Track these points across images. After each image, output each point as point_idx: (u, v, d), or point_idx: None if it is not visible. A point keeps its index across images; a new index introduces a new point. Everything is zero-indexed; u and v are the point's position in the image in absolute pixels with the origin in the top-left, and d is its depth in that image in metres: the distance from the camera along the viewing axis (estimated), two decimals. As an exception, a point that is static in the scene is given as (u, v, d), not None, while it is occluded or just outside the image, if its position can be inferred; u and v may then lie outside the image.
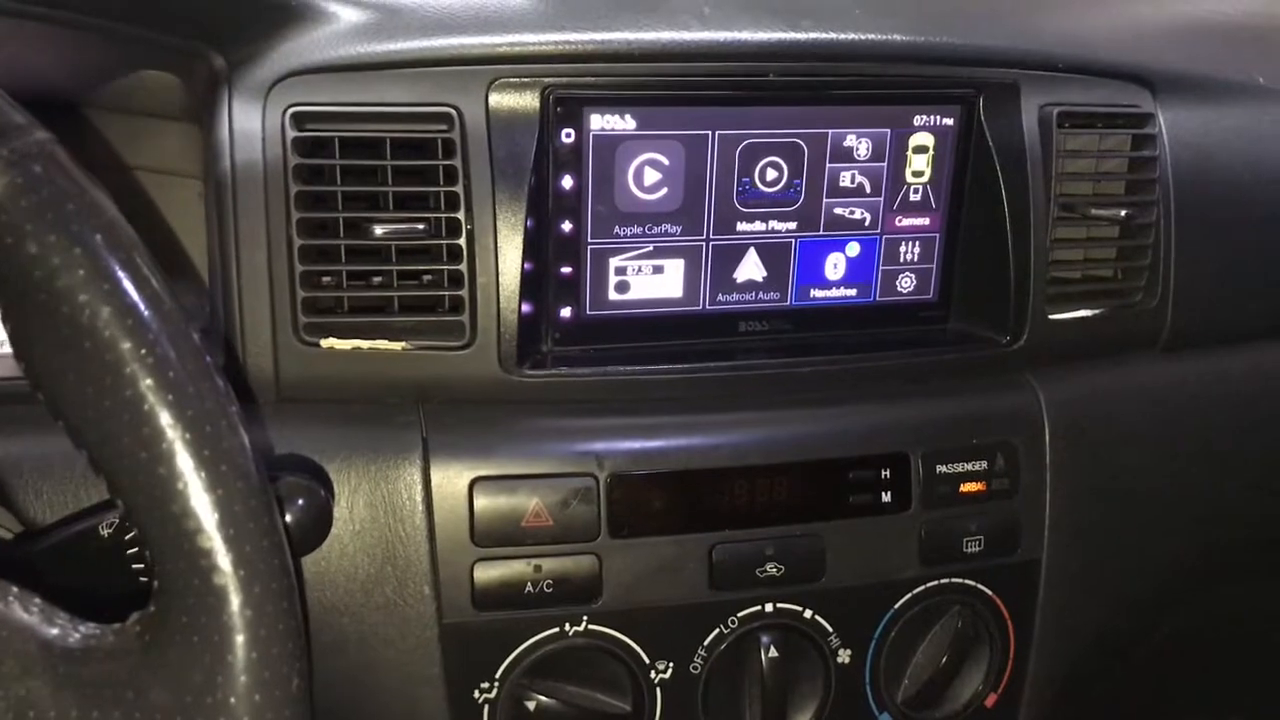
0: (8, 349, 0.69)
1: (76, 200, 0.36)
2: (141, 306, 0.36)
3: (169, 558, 0.36)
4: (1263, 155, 0.78)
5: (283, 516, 0.39)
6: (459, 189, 0.62)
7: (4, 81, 0.39)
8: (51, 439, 0.59)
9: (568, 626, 0.65)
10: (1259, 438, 0.80)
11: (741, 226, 0.69)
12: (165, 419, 0.35)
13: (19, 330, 0.36)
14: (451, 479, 0.63)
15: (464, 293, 0.63)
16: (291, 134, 0.61)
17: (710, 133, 0.66)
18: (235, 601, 0.35)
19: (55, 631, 0.36)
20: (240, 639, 0.35)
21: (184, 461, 0.35)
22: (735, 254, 0.69)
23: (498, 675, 0.64)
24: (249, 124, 0.61)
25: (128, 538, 0.49)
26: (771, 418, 0.68)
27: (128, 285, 0.35)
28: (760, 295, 0.70)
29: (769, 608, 0.67)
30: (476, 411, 0.64)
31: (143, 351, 0.35)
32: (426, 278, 0.63)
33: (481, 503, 0.63)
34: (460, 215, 0.62)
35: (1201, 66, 0.78)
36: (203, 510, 0.35)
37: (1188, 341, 0.76)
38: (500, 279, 0.63)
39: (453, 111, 0.62)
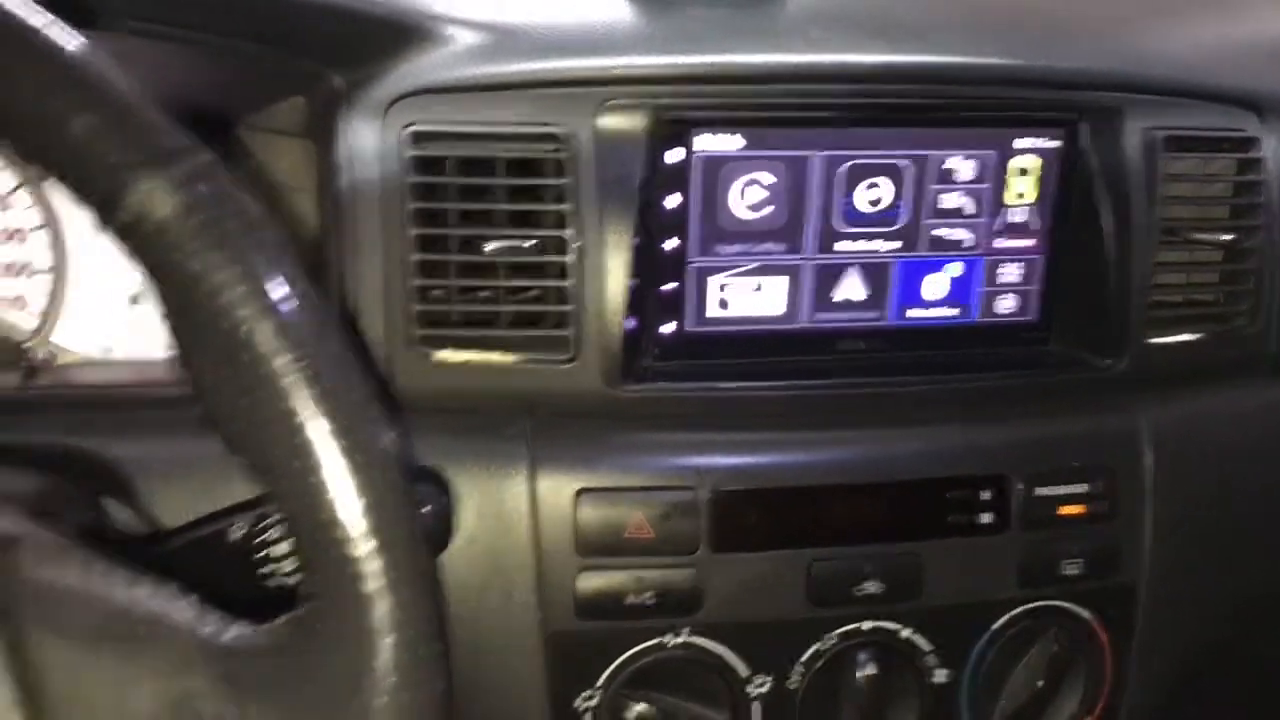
0: (120, 355, 0.71)
1: (238, 220, 0.37)
2: (297, 323, 0.37)
3: (320, 562, 0.37)
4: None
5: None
6: (568, 208, 0.64)
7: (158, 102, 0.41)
8: (175, 444, 0.62)
9: (667, 638, 0.66)
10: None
11: (842, 246, 0.69)
12: (317, 431, 0.37)
13: (183, 342, 0.38)
14: (557, 490, 0.64)
15: (570, 308, 0.64)
16: (409, 152, 0.63)
17: (814, 153, 0.67)
18: (384, 606, 0.37)
19: (210, 629, 0.38)
20: (388, 641, 0.37)
21: (335, 471, 0.37)
22: (836, 273, 0.70)
23: (599, 684, 0.65)
24: (367, 142, 0.63)
25: (256, 542, 0.50)
26: (870, 436, 0.69)
27: (285, 303, 0.37)
28: (860, 314, 0.71)
29: (866, 625, 0.68)
30: (581, 424, 0.66)
31: (297, 366, 0.37)
32: (534, 293, 0.65)
33: (585, 514, 0.64)
34: (569, 233, 0.64)
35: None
36: (353, 517, 0.37)
37: (1292, 367, 0.76)
38: (605, 295, 0.64)
39: (564, 132, 0.64)
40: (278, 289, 0.37)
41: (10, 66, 0.35)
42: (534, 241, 0.64)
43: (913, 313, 0.71)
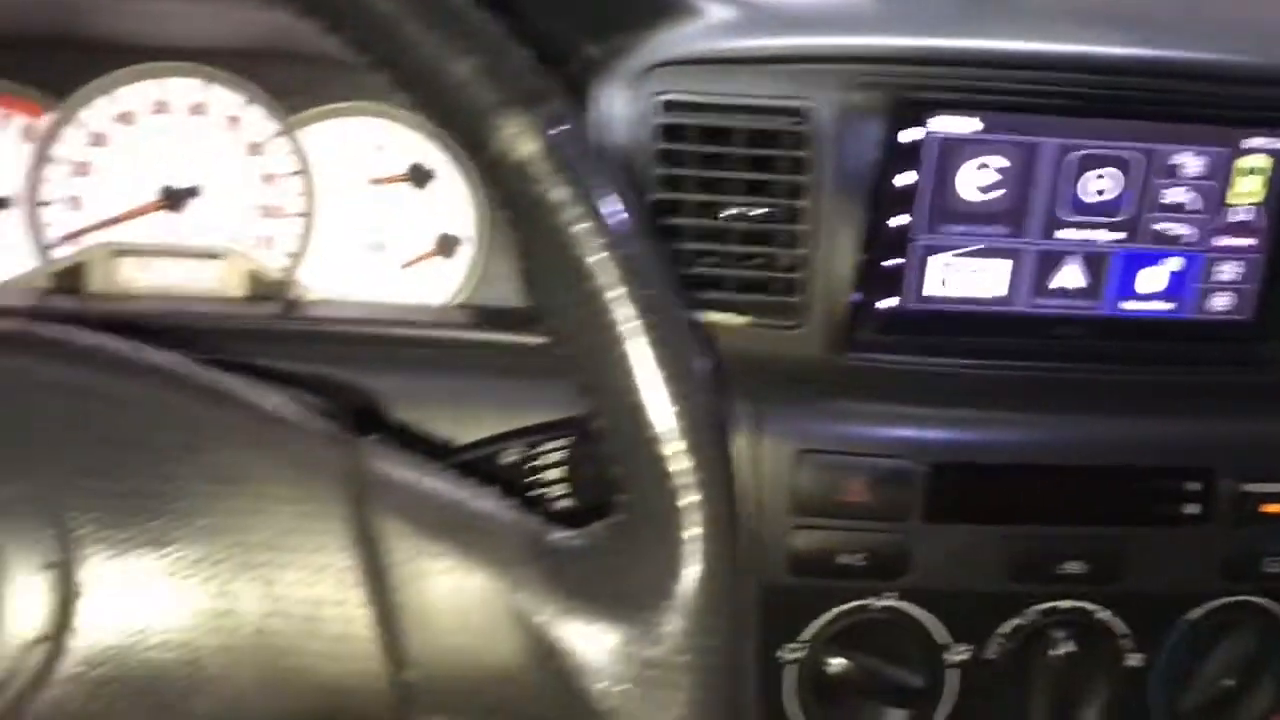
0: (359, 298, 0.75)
1: (589, 162, 0.41)
2: (636, 256, 0.41)
3: (641, 473, 0.40)
4: None
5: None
6: (805, 179, 0.66)
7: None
8: (420, 379, 0.67)
9: (873, 599, 0.68)
10: None
11: (1065, 234, 0.71)
12: (648, 353, 0.40)
13: (533, 268, 0.41)
14: (777, 449, 0.67)
15: (800, 276, 0.67)
16: (657, 120, 0.66)
17: (1047, 140, 0.69)
18: (698, 515, 0.40)
19: (535, 529, 0.42)
20: (700, 550, 0.40)
21: (660, 394, 0.40)
22: (1056, 260, 0.71)
23: (804, 638, 0.68)
24: (619, 110, 0.66)
25: (528, 467, 0.54)
26: (1081, 421, 0.70)
27: (626, 238, 0.40)
28: (1076, 302, 0.72)
29: (1065, 604, 0.69)
30: (803, 389, 0.68)
31: (634, 295, 0.40)
32: (767, 261, 0.67)
33: (804, 474, 0.67)
34: (803, 203, 0.66)
35: None
36: (674, 437, 0.40)
37: None
38: (834, 266, 0.67)
39: (806, 106, 0.66)
40: (621, 226, 0.41)
41: (410, 12, 0.39)
42: (768, 210, 0.67)
43: (1128, 304, 0.72)
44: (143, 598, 0.39)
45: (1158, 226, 0.71)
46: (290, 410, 0.43)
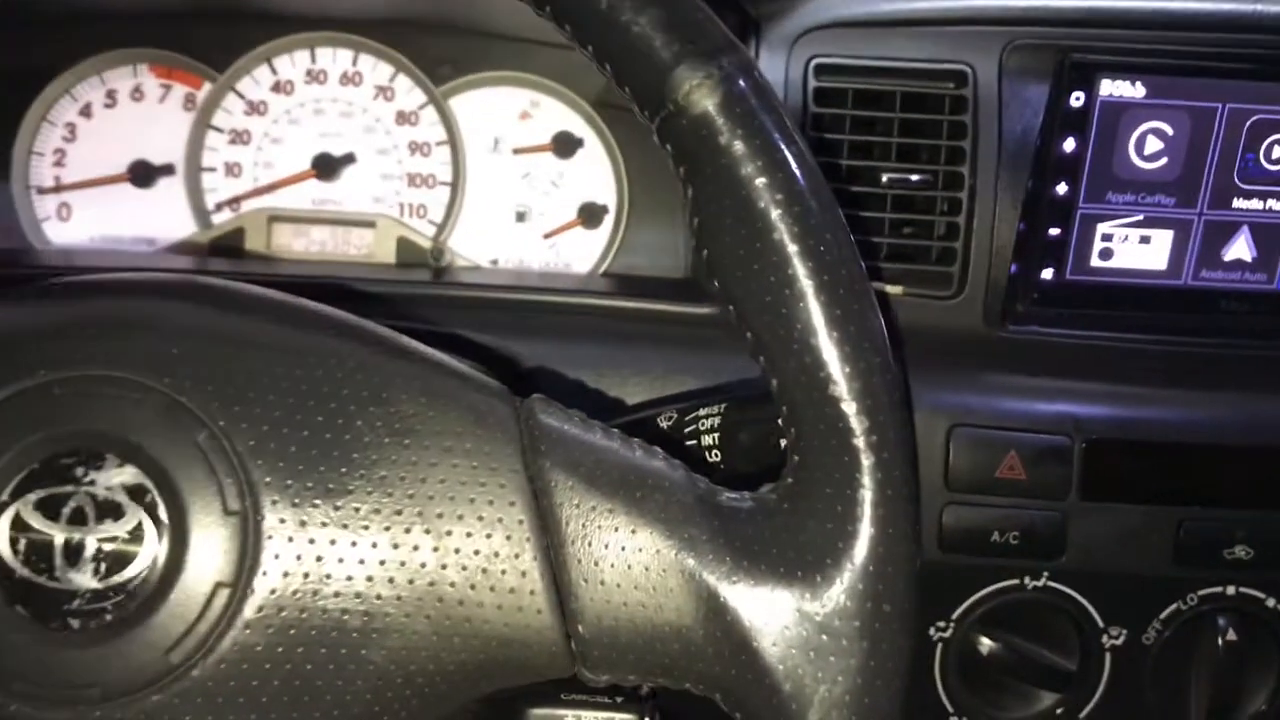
0: (505, 265, 0.75)
1: (772, 115, 0.40)
2: (817, 209, 0.40)
3: (817, 436, 0.40)
4: None
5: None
6: (965, 145, 0.64)
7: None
8: (565, 346, 0.67)
9: (1027, 580, 0.66)
10: None
11: (1238, 204, 0.67)
12: (825, 316, 0.39)
13: (708, 222, 0.41)
14: (930, 423, 0.65)
15: (958, 245, 0.65)
16: (813, 84, 0.65)
17: (1219, 105, 0.66)
18: (874, 479, 0.39)
19: (705, 489, 0.41)
20: (874, 513, 0.39)
21: (837, 354, 0.39)
22: (1227, 231, 0.68)
23: (954, 616, 0.66)
24: (774, 73, 0.65)
25: (686, 431, 0.54)
26: (1249, 399, 0.67)
27: (810, 196, 0.40)
28: (1246, 275, 0.69)
29: (1231, 590, 0.66)
30: (958, 362, 0.67)
31: (816, 250, 0.39)
32: (924, 228, 0.66)
33: (957, 449, 0.65)
34: (964, 170, 0.65)
35: None
36: (851, 398, 0.39)
37: None
38: (994, 235, 0.65)
39: (967, 70, 0.64)
40: (802, 181, 0.40)
41: None
42: (925, 177, 0.66)
43: (1303, 278, 0.69)
44: (322, 547, 0.40)
45: (1339, 197, 0.68)
46: (465, 366, 0.44)
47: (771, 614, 0.39)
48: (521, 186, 0.79)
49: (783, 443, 0.42)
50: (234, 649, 0.39)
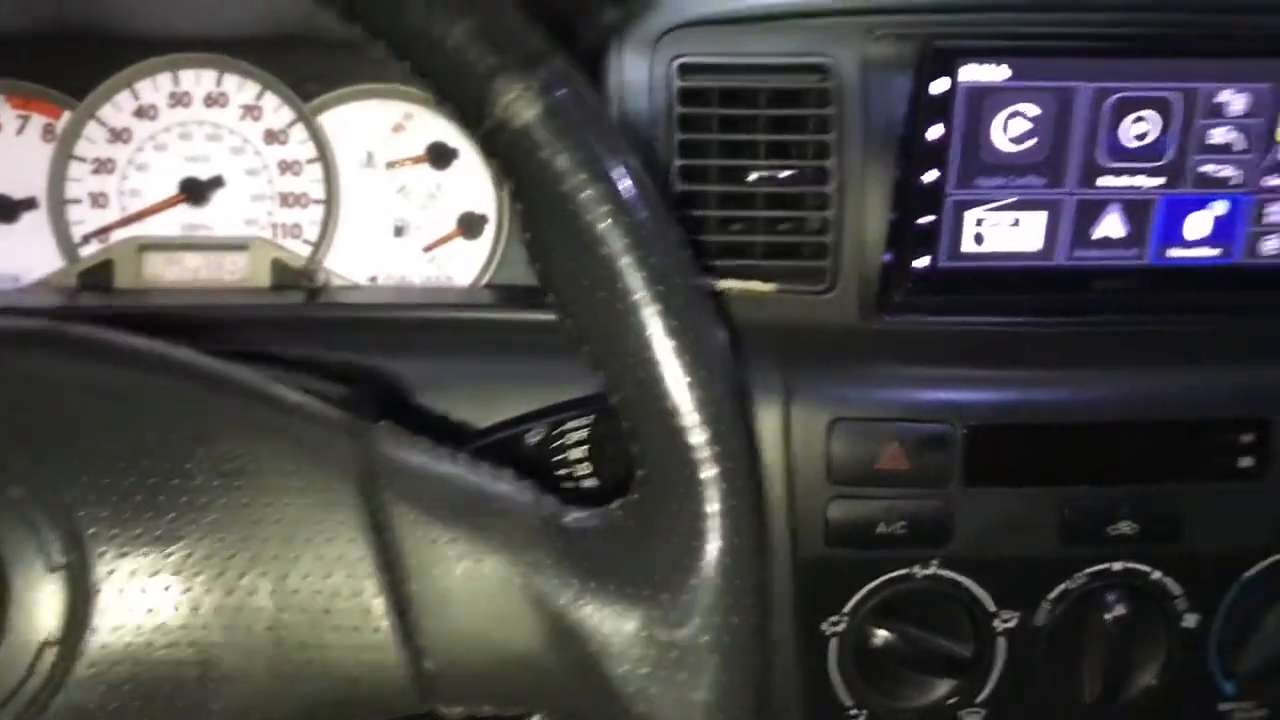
0: (385, 282, 0.74)
1: (595, 125, 0.39)
2: (645, 222, 0.39)
3: (659, 451, 0.39)
4: None
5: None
6: (831, 138, 0.64)
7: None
8: (446, 363, 0.66)
9: (916, 569, 0.66)
10: None
11: (1105, 181, 0.68)
12: (662, 324, 0.39)
13: (538, 238, 0.40)
14: (811, 419, 0.65)
15: (829, 239, 0.65)
16: (677, 84, 0.64)
17: (1081, 84, 0.66)
18: (718, 492, 0.39)
19: (551, 511, 0.41)
20: (720, 526, 0.39)
21: (677, 363, 0.39)
22: (1096, 209, 0.68)
23: (846, 610, 0.66)
24: (638, 74, 0.65)
25: (553, 447, 0.53)
26: (1128, 375, 0.68)
27: (635, 204, 0.39)
28: (1119, 252, 0.69)
29: (1117, 566, 0.67)
30: (835, 355, 0.66)
31: (645, 264, 0.39)
32: (794, 225, 0.66)
33: (839, 443, 0.65)
34: (830, 163, 0.64)
35: None
36: (691, 410, 0.39)
37: None
38: (864, 227, 0.65)
39: (828, 62, 0.64)
40: (630, 191, 0.39)
41: None
42: (793, 172, 0.65)
43: (1174, 252, 0.69)
44: (155, 596, 0.38)
45: (1203, 169, 0.68)
46: (300, 399, 0.42)
47: (620, 635, 0.39)
48: (398, 200, 0.78)
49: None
50: (66, 709, 0.38)
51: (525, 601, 0.39)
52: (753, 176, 0.65)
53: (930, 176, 0.67)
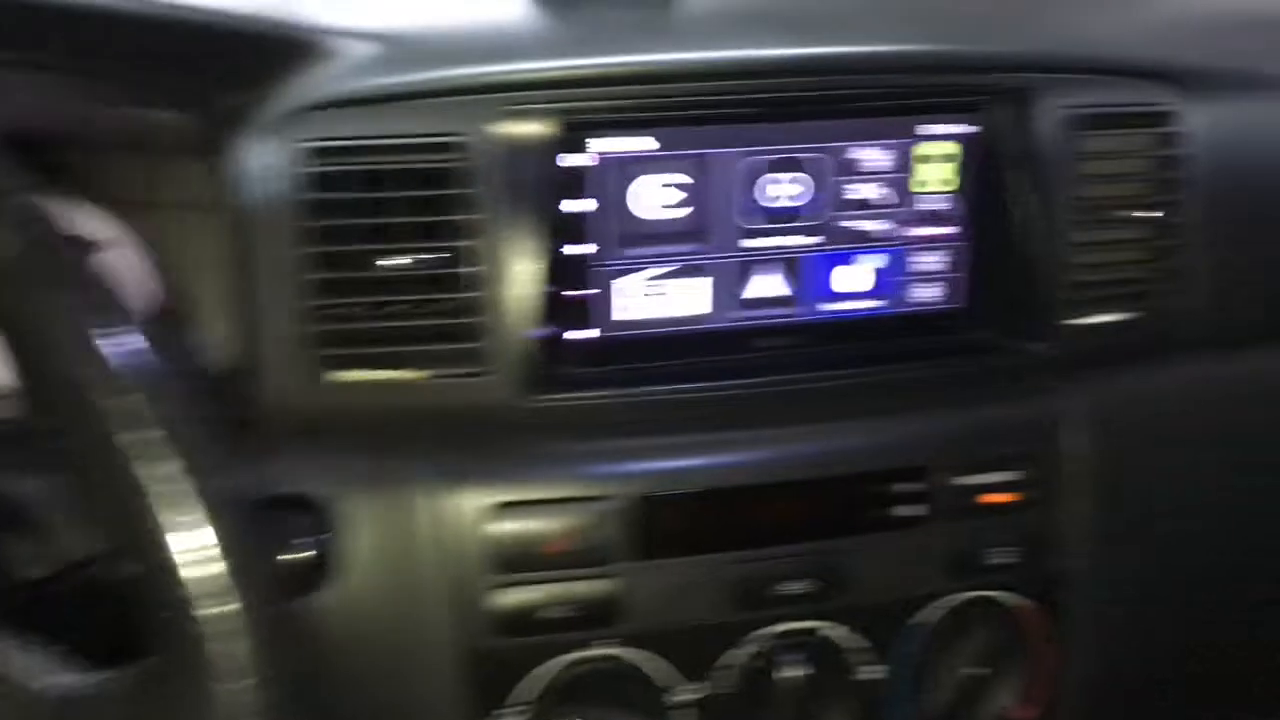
0: None
1: (67, 265, 0.36)
2: (120, 360, 0.36)
3: (157, 607, 0.36)
4: (1297, 149, 0.76)
5: (281, 558, 0.40)
6: (472, 217, 0.63)
7: (10, 128, 0.40)
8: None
9: (589, 650, 0.65)
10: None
11: (755, 243, 0.68)
12: (147, 472, 0.36)
13: (22, 383, 0.37)
14: (468, 506, 0.63)
15: (478, 320, 0.63)
16: (303, 169, 0.62)
17: (722, 150, 0.66)
18: (227, 658, 0.36)
19: (48, 681, 0.37)
20: (225, 687, 0.36)
21: (167, 513, 0.36)
22: (750, 270, 0.69)
23: (520, 700, 0.65)
24: (261, 160, 0.62)
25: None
26: (790, 434, 0.68)
27: (106, 341, 0.36)
28: (777, 311, 0.70)
29: (792, 626, 0.67)
30: (495, 439, 0.65)
31: (122, 404, 0.36)
32: (441, 307, 0.64)
33: (500, 529, 0.63)
34: (473, 243, 0.63)
35: (1231, 61, 0.76)
36: (193, 569, 0.36)
37: (1223, 344, 0.75)
38: (513, 305, 0.63)
39: (464, 140, 0.63)
40: (100, 328, 0.36)
41: None
42: (438, 255, 0.63)
43: (830, 306, 0.71)
44: None
45: (849, 225, 0.70)
46: None
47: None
48: None
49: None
50: None
51: None
52: (393, 261, 0.63)
53: (578, 250, 0.66)
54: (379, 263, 0.63)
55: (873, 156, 0.68)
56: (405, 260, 0.63)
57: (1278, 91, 0.77)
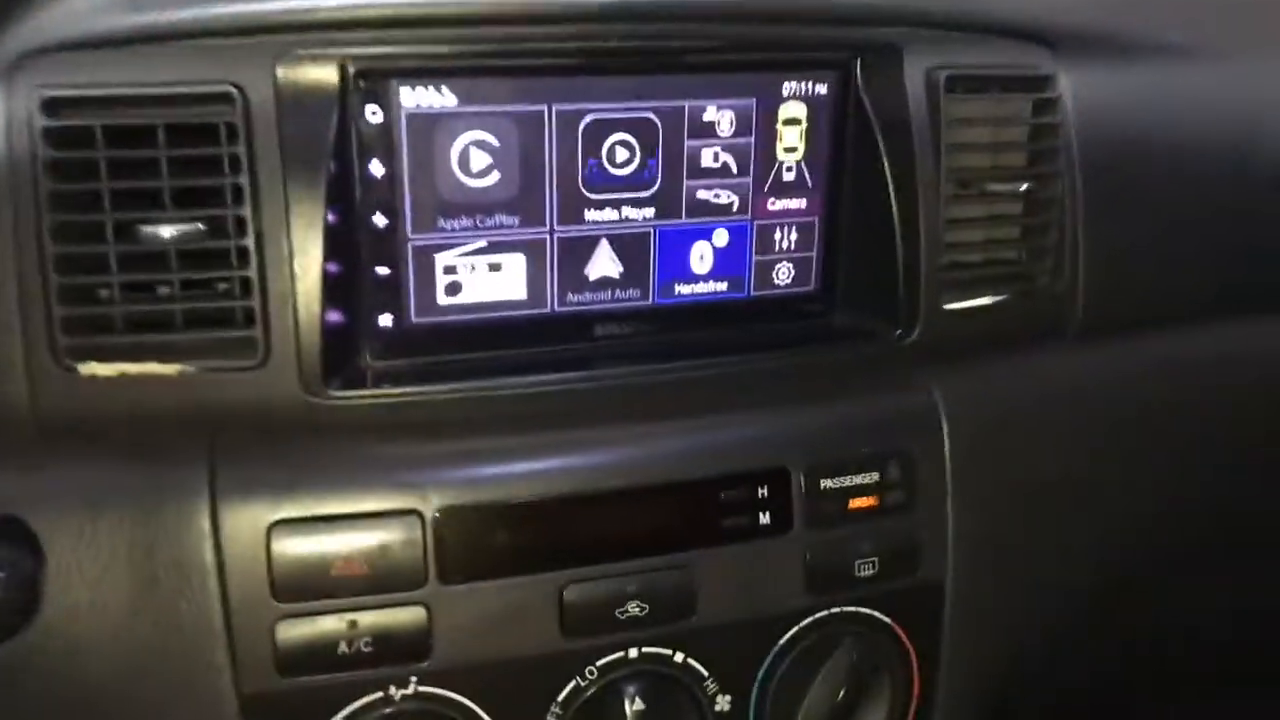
0: None
1: None
2: None
3: None
4: (1177, 120, 0.71)
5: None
6: (244, 180, 0.53)
7: None
8: None
9: (393, 690, 0.55)
10: (1178, 430, 0.73)
11: (591, 215, 0.60)
12: None
13: None
14: (246, 524, 0.53)
15: (255, 302, 0.53)
16: (42, 123, 0.51)
17: (546, 107, 0.57)
18: None
19: None
20: None
21: None
22: (585, 247, 0.60)
23: (315, 749, 0.55)
24: (-11, 113, 0.51)
25: None
26: (632, 433, 0.60)
27: None
28: (617, 293, 0.61)
29: (633, 653, 0.59)
30: (276, 443, 0.55)
31: None
32: (211, 287, 0.54)
33: (283, 551, 0.53)
34: (246, 211, 0.53)
35: (1108, 23, 0.71)
36: None
37: (1100, 328, 0.69)
38: (297, 284, 0.53)
39: (234, 90, 0.53)
40: None
41: None
42: (206, 225, 0.53)
43: (679, 288, 0.62)
44: None
45: (699, 195, 0.62)
46: None
47: None
48: None
49: None
50: None
51: None
52: (153, 232, 0.53)
53: (381, 221, 0.57)
54: (137, 234, 0.52)
55: (724, 118, 0.60)
56: (167, 232, 0.53)
57: (1158, 57, 0.71)
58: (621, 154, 0.59)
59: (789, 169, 0.62)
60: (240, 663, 0.53)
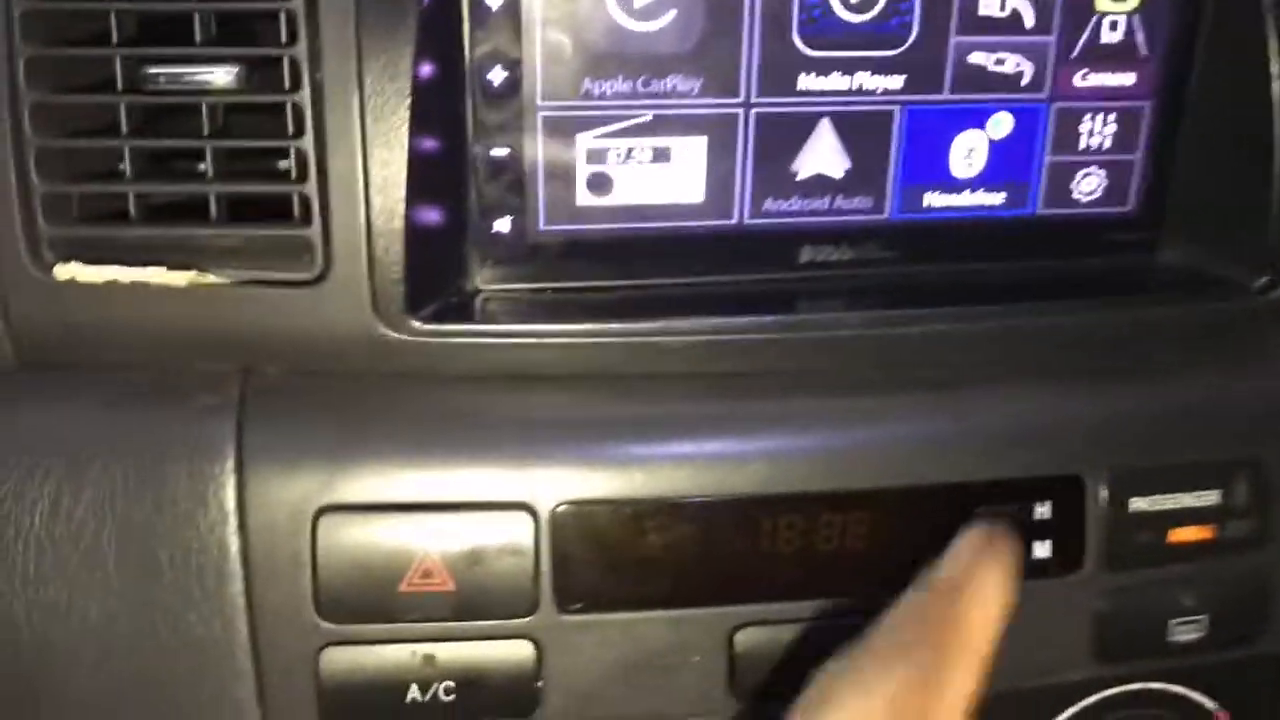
0: None
1: None
2: None
3: None
4: None
5: None
6: (296, 5, 0.36)
7: None
8: None
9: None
10: None
11: (807, 82, 0.41)
12: None
13: None
14: (284, 507, 0.38)
15: (310, 187, 0.37)
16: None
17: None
18: None
19: None
20: None
21: None
22: (796, 130, 0.42)
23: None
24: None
25: None
26: (851, 410, 0.41)
27: None
28: (839, 202, 0.43)
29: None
30: (332, 394, 0.39)
31: None
32: (246, 161, 0.38)
33: (330, 550, 0.37)
34: (300, 50, 0.36)
35: None
36: None
37: None
38: (372, 166, 0.37)
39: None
40: None
41: None
42: (242, 71, 0.37)
43: (930, 198, 0.44)
44: None
45: (973, 60, 0.43)
46: None
47: None
48: None
49: None
50: None
51: None
52: (190, 75, 0.37)
53: (497, 78, 0.39)
54: (147, 81, 0.37)
55: (1018, -60, 0.40)
56: (203, 74, 0.37)
57: None
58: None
59: (1113, 25, 0.42)
60: (270, 702, 0.38)
